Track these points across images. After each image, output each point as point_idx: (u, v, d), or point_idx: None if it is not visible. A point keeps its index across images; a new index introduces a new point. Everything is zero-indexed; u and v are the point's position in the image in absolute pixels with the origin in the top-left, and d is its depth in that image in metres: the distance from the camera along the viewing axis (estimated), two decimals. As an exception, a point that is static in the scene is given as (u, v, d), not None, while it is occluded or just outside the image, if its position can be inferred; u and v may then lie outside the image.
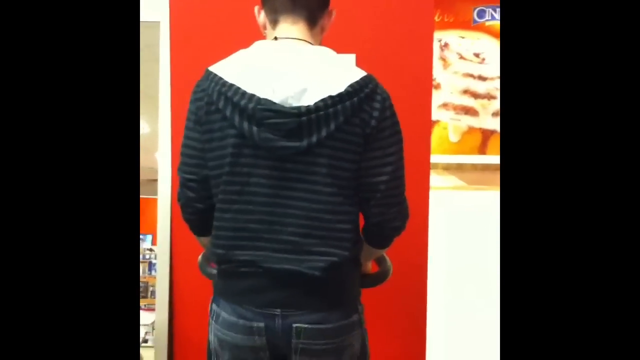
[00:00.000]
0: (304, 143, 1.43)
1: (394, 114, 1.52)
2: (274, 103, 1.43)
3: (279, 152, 1.45)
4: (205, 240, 1.65)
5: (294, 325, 1.50)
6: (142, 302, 3.09)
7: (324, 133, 1.43)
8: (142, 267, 3.12)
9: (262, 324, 1.50)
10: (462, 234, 2.90)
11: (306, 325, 1.50)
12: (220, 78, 1.48)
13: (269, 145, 1.44)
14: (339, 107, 1.44)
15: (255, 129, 1.44)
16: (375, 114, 1.47)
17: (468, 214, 3.09)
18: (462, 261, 2.72)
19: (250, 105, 1.43)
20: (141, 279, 3.12)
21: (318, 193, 1.46)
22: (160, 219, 2.45)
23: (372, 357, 1.66)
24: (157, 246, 2.50)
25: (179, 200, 1.61)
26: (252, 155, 1.46)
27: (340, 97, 1.44)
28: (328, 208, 1.47)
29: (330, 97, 1.43)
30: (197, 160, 1.54)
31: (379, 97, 1.48)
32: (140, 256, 3.15)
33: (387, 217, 1.55)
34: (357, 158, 1.48)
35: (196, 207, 1.58)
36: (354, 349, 1.57)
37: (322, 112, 1.43)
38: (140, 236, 3.12)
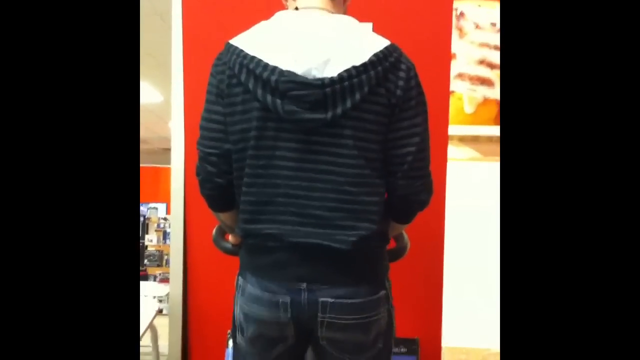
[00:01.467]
0: (329, 115, 1.41)
1: (419, 84, 1.49)
2: (297, 75, 1.41)
3: (304, 125, 1.42)
4: (223, 216, 1.64)
5: (320, 299, 1.47)
6: (157, 271, 3.11)
7: (348, 104, 1.41)
8: (157, 236, 3.14)
9: (287, 298, 1.48)
10: (478, 206, 2.88)
11: (333, 300, 1.47)
12: (242, 50, 1.46)
13: (293, 117, 1.42)
14: (364, 77, 1.41)
15: (279, 101, 1.41)
16: (401, 83, 1.45)
17: (484, 186, 3.07)
18: (477, 233, 2.72)
19: (273, 78, 1.41)
20: (156, 248, 3.14)
21: (345, 166, 1.44)
22: (173, 188, 2.45)
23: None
24: (170, 215, 2.50)
25: (197, 175, 1.58)
26: (276, 128, 1.44)
27: (365, 67, 1.41)
28: (355, 181, 1.44)
29: (354, 67, 1.41)
30: (219, 134, 1.51)
31: (404, 66, 1.46)
32: (154, 225, 3.17)
33: (413, 189, 1.51)
34: (383, 129, 1.45)
35: (216, 182, 1.55)
36: (380, 325, 1.55)
37: (346, 83, 1.40)
38: (155, 205, 3.13)
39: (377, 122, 1.44)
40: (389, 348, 1.61)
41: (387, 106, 1.44)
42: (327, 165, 1.44)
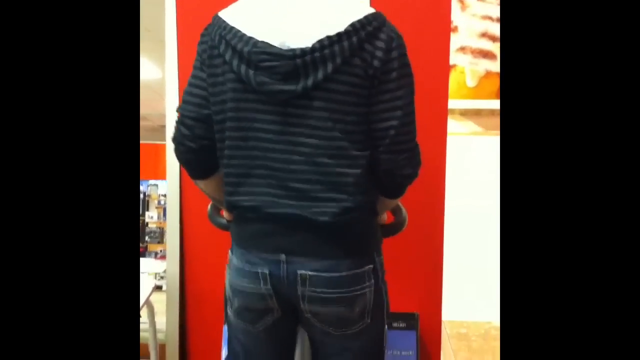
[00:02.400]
0: (299, 86, 1.39)
1: (402, 55, 1.45)
2: (271, 46, 1.40)
3: (276, 96, 1.41)
4: (202, 184, 1.64)
5: (299, 272, 1.47)
6: (159, 247, 3.11)
7: (320, 75, 1.39)
8: (158, 213, 3.13)
9: (266, 270, 1.49)
10: (478, 180, 2.87)
11: (311, 273, 1.47)
12: (224, 21, 1.46)
13: (265, 89, 1.41)
14: (336, 47, 1.38)
15: (251, 72, 1.41)
16: (379, 54, 1.41)
17: (485, 160, 3.05)
18: (478, 208, 2.71)
19: (246, 49, 1.40)
20: (157, 225, 3.14)
21: (320, 138, 1.42)
22: (169, 165, 2.44)
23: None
24: (167, 192, 2.49)
25: (173, 139, 1.57)
26: (254, 100, 1.43)
27: (339, 36, 1.38)
28: (332, 153, 1.43)
29: (328, 37, 1.38)
30: (199, 99, 1.51)
31: (384, 36, 1.42)
32: (155, 202, 3.16)
33: (398, 164, 1.48)
34: (362, 101, 1.42)
35: (188, 146, 1.54)
36: (365, 300, 1.52)
37: (317, 54, 1.38)
38: (155, 182, 3.13)
39: (353, 93, 1.41)
40: (379, 324, 1.59)
41: (363, 78, 1.41)
42: (303, 137, 1.42)
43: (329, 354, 1.59)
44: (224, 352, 2.18)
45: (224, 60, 1.45)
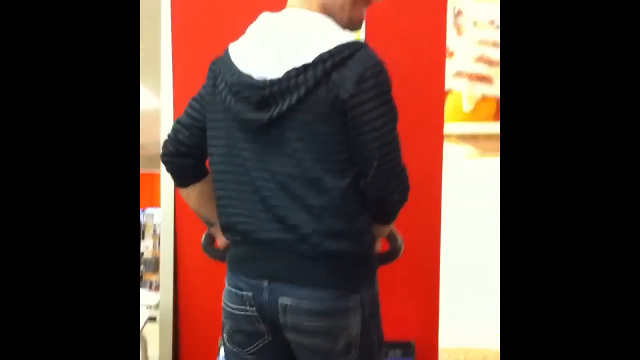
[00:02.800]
0: (266, 115, 1.42)
1: (378, 85, 1.41)
2: (251, 77, 1.44)
3: (248, 124, 1.46)
4: (184, 193, 1.68)
5: (279, 300, 1.46)
6: (154, 277, 3.08)
7: (285, 105, 1.41)
8: (153, 241, 3.11)
9: (250, 294, 1.49)
10: (475, 204, 2.86)
11: (291, 302, 1.45)
12: (228, 54, 1.52)
13: (240, 117, 1.46)
14: (300, 78, 1.39)
15: (233, 101, 1.46)
16: (348, 84, 1.39)
17: (481, 184, 3.05)
18: (474, 232, 2.69)
19: (230, 80, 1.47)
20: (152, 254, 3.12)
21: (294, 167, 1.43)
22: (163, 194, 2.42)
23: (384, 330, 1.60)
24: (160, 221, 2.48)
25: (163, 146, 1.63)
26: (237, 128, 1.48)
27: (305, 67, 1.40)
28: (305, 183, 1.43)
29: (295, 68, 1.40)
30: (193, 110, 1.59)
31: (356, 66, 1.39)
32: (151, 231, 3.15)
33: (386, 191, 1.47)
34: (335, 130, 1.42)
35: (168, 149, 1.61)
36: (351, 334, 1.49)
37: (284, 84, 1.40)
38: (151, 210, 3.11)
39: (321, 123, 1.41)
40: (366, 357, 1.54)
41: (332, 107, 1.40)
42: (279, 166, 1.44)
43: None
44: (219, 384, 2.14)
45: (219, 90, 1.50)
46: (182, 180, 1.66)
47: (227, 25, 2.21)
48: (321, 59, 1.39)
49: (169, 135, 1.62)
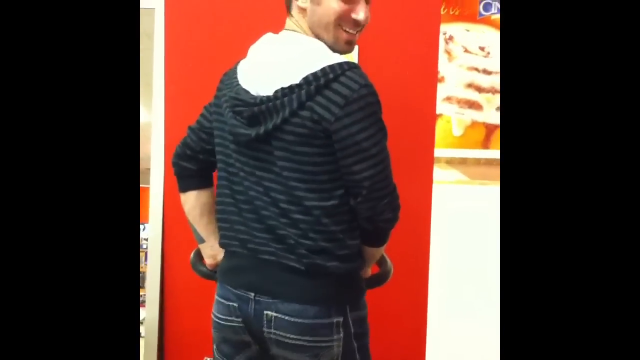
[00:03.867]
0: (254, 132, 1.45)
1: (365, 107, 1.40)
2: (247, 93, 1.48)
3: (239, 138, 1.49)
4: (183, 198, 1.70)
5: (265, 311, 1.48)
6: (141, 292, 3.06)
7: (271, 124, 1.43)
8: (141, 257, 3.08)
9: (236, 305, 1.52)
10: (463, 229, 2.87)
11: (276, 315, 1.47)
12: (235, 69, 1.57)
13: (233, 131, 1.50)
14: (286, 99, 1.41)
15: (229, 115, 1.51)
16: (333, 107, 1.39)
17: (470, 209, 3.06)
18: (463, 257, 2.70)
19: (230, 94, 1.51)
20: (141, 269, 3.09)
21: (280, 184, 1.46)
22: (152, 209, 2.42)
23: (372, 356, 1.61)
24: (148, 237, 2.46)
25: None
26: (231, 140, 1.53)
27: (290, 88, 1.41)
28: (291, 200, 1.45)
29: (282, 88, 1.42)
30: (203, 117, 1.66)
31: (340, 88, 1.39)
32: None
33: (377, 210, 1.47)
34: (320, 151, 1.42)
35: (176, 149, 1.69)
36: (332, 354, 1.50)
37: (271, 103, 1.43)
38: (140, 225, 3.09)
39: (305, 144, 1.42)
40: None
41: (317, 130, 1.41)
42: (268, 182, 1.47)
43: None
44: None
45: (221, 102, 1.56)
46: (182, 183, 1.70)
47: (218, 42, 2.24)
48: (306, 81, 1.40)
49: (182, 140, 1.69)
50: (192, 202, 1.68)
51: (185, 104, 1.57)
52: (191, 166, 1.67)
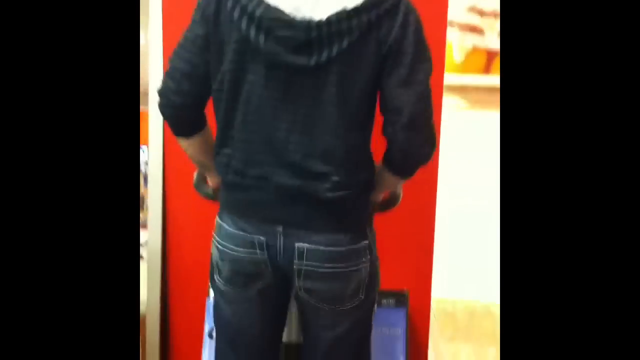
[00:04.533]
0: (312, 61, 1.36)
1: (418, 31, 1.40)
2: (284, 12, 1.35)
3: (286, 67, 1.38)
4: (186, 143, 1.58)
5: (297, 244, 1.46)
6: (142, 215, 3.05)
7: (335, 51, 1.35)
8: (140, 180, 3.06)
9: (263, 239, 1.48)
10: (464, 156, 2.86)
11: (309, 246, 1.46)
12: None
13: (274, 58, 1.37)
14: (354, 21, 1.34)
15: (262, 37, 1.36)
16: (396, 32, 1.37)
17: (469, 135, 3.05)
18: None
19: (258, 11, 1.35)
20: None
21: (323, 114, 1.40)
22: (151, 132, 2.37)
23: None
24: (148, 160, 2.43)
25: (158, 91, 1.51)
26: (258, 65, 1.39)
27: (357, 10, 1.34)
28: (331, 129, 1.41)
29: (346, 10, 1.34)
30: (191, 55, 1.46)
31: (402, 14, 1.38)
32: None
33: (414, 143, 1.44)
34: (371, 79, 1.40)
35: (172, 100, 1.48)
36: (361, 276, 1.52)
37: (334, 28, 1.34)
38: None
39: (366, 71, 1.39)
40: (371, 300, 1.60)
41: (378, 55, 1.38)
42: (304, 110, 1.40)
43: (319, 327, 1.58)
44: (207, 326, 2.15)
45: (230, 19, 1.38)
46: (186, 131, 1.56)
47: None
48: (373, 3, 1.35)
49: (168, 86, 1.48)
50: (198, 144, 1.57)
51: (184, 24, 1.48)
52: (193, 114, 1.52)
